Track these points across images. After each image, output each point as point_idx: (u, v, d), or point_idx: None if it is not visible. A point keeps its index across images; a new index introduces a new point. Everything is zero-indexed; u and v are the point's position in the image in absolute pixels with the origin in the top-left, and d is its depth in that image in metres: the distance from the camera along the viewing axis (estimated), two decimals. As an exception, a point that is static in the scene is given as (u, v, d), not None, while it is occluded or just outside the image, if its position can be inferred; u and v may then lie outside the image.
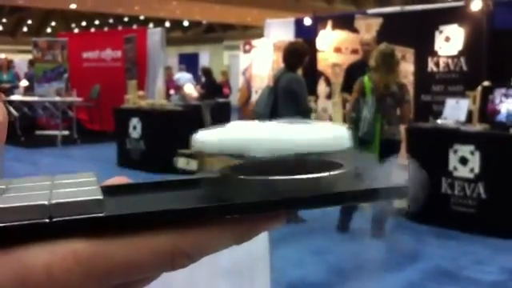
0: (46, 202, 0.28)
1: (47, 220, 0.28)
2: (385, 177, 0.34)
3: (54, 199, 0.28)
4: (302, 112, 5.11)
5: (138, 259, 0.29)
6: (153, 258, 0.29)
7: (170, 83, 13.29)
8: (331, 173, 0.33)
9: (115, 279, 0.29)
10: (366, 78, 4.98)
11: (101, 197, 0.29)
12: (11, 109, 11.80)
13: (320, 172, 0.32)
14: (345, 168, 0.33)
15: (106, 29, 26.43)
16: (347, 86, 6.18)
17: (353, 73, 6.14)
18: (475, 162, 5.28)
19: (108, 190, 0.32)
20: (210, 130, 0.35)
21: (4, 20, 28.98)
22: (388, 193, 0.34)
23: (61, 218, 0.28)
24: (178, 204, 0.31)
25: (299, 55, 5.42)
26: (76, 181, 0.33)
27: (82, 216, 0.28)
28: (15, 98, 12.13)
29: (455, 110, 5.85)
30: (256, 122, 0.35)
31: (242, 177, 0.32)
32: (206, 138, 0.34)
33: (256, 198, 0.31)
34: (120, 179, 0.37)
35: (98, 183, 0.33)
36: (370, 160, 0.36)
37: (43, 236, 0.28)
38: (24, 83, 13.22)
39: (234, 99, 13.95)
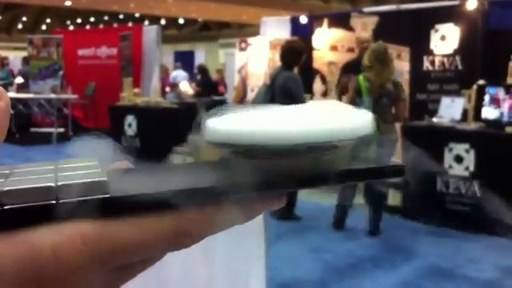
0: (52, 184, 0.28)
1: (54, 201, 0.28)
2: (383, 157, 0.35)
3: (60, 181, 0.29)
4: None
5: (142, 239, 0.29)
6: (157, 239, 0.30)
7: (166, 81, 13.27)
8: (329, 153, 0.33)
9: (121, 259, 0.30)
10: (360, 77, 4.98)
11: (106, 178, 0.30)
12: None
13: (318, 153, 0.33)
14: (343, 149, 0.34)
15: (101, 26, 26.38)
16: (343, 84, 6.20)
17: (349, 71, 6.16)
18: (470, 160, 5.30)
19: (112, 174, 0.33)
20: (220, 119, 0.35)
21: (-1, 17, 28.88)
22: (384, 172, 0.34)
23: (67, 200, 0.28)
24: (180, 186, 0.31)
25: (296, 54, 5.42)
26: (79, 165, 0.33)
27: (88, 197, 0.29)
28: (10, 95, 12.06)
29: (450, 109, 5.87)
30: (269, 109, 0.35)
31: (242, 159, 0.33)
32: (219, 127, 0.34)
33: (255, 178, 0.31)
34: (122, 164, 0.38)
35: (99, 167, 0.33)
36: (378, 141, 0.36)
37: (50, 217, 0.28)
38: (19, 80, 13.19)
39: (230, 97, 13.94)
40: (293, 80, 5.34)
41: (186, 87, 12.46)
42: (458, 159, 5.37)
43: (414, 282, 4.15)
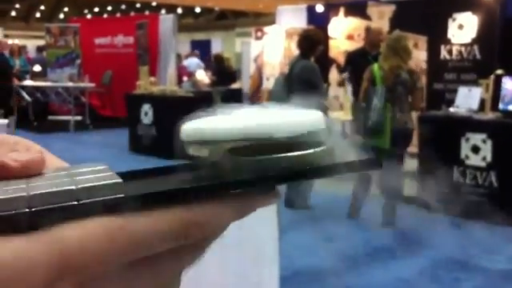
0: (73, 187, 0.31)
1: (76, 202, 0.31)
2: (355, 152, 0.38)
3: (80, 184, 0.32)
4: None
5: (156, 232, 0.33)
6: (169, 231, 0.33)
7: (182, 70, 13.28)
8: (316, 149, 0.37)
9: (138, 252, 0.33)
10: (375, 67, 4.95)
11: (121, 180, 0.33)
12: (24, 94, 11.89)
13: (307, 149, 0.37)
14: (326, 145, 0.38)
15: (118, 15, 26.44)
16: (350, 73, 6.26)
17: (354, 60, 6.18)
18: (487, 150, 5.26)
19: (122, 176, 0.35)
20: (196, 120, 0.41)
21: (17, 6, 29.06)
22: (364, 165, 0.38)
23: (88, 200, 0.31)
24: (186, 184, 0.35)
25: (313, 43, 5.43)
26: (93, 169, 0.36)
27: (107, 197, 0.32)
28: (28, 83, 12.20)
29: (468, 99, 5.82)
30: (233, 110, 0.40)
31: (240, 158, 0.36)
32: (196, 126, 0.41)
33: (252, 175, 0.35)
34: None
35: (111, 170, 0.36)
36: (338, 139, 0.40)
37: (73, 217, 0.31)
38: (37, 68, 13.30)
39: (246, 86, 13.94)
40: (310, 69, 5.34)
41: (203, 76, 12.48)
42: (475, 149, 5.33)
43: (429, 272, 4.15)
